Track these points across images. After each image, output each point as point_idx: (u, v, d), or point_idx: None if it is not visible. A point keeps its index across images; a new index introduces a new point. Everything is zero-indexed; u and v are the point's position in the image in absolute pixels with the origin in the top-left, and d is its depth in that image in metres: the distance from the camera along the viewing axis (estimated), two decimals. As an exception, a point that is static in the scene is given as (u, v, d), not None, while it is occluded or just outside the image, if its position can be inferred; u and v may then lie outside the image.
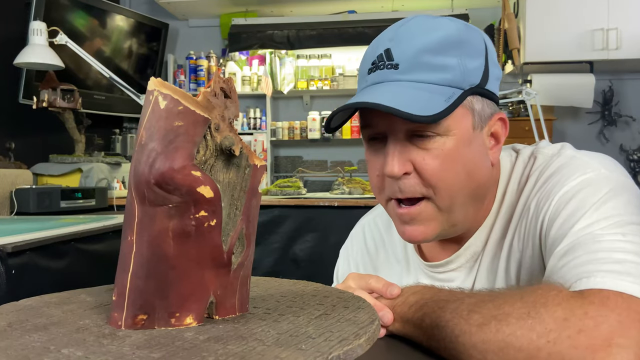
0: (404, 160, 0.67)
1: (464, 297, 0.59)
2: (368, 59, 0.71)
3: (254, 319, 0.48)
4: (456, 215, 0.70)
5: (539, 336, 0.51)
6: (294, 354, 0.38)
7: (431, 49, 0.66)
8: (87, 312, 0.50)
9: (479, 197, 0.72)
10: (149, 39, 3.90)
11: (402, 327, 0.63)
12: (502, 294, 0.57)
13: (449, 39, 0.67)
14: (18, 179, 2.27)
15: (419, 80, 0.66)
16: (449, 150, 0.67)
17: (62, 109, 2.55)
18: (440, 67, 0.66)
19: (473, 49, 0.69)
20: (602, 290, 0.53)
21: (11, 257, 1.34)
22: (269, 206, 2.51)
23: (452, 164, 0.67)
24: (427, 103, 0.64)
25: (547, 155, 0.73)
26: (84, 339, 0.42)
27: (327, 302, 0.52)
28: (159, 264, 0.44)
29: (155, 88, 0.43)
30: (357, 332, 0.43)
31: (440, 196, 0.68)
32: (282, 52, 4.24)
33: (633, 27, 3.52)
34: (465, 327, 0.55)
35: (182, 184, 0.43)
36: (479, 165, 0.70)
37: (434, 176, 0.67)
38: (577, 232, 0.61)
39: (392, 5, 4.06)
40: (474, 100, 0.69)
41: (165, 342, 0.41)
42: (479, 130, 0.70)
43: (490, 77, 0.70)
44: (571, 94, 3.69)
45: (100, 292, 0.57)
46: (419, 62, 0.66)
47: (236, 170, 0.47)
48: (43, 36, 2.31)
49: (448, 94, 0.65)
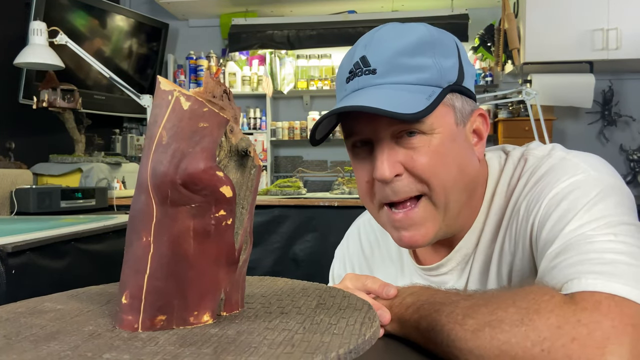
0: (393, 162, 0.68)
1: (459, 300, 0.59)
2: (345, 68, 0.72)
3: (261, 314, 0.49)
4: (452, 211, 0.71)
5: (533, 344, 0.51)
6: (334, 339, 0.41)
7: (406, 51, 0.67)
8: (79, 319, 0.48)
9: (471, 192, 0.73)
10: (149, 39, 3.91)
11: (400, 328, 0.63)
12: (496, 297, 0.57)
13: (422, 40, 0.68)
14: (18, 179, 2.27)
15: (398, 82, 0.67)
16: (436, 146, 0.68)
17: (62, 109, 2.55)
18: (417, 68, 0.67)
19: (445, 48, 0.70)
20: (594, 293, 0.53)
21: (11, 257, 1.34)
22: (269, 206, 2.51)
23: (441, 159, 0.68)
24: (410, 102, 0.64)
25: (538, 157, 0.73)
26: (112, 343, 0.42)
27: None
28: (179, 264, 0.45)
29: (175, 89, 0.44)
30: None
31: (436, 191, 0.68)
32: (282, 52, 4.24)
33: (633, 27, 3.52)
34: (461, 333, 0.55)
35: (208, 184, 0.44)
36: (467, 160, 0.71)
37: (426, 172, 0.68)
38: (569, 234, 0.61)
39: (392, 5, 4.07)
40: (454, 97, 0.70)
41: (200, 338, 0.42)
42: (462, 127, 0.71)
43: (466, 75, 0.71)
44: (571, 94, 3.69)
45: (69, 299, 0.55)
46: (395, 65, 0.67)
47: (242, 171, 0.48)
48: (43, 36, 2.32)
49: (428, 93, 0.66)
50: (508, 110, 3.92)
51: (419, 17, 3.71)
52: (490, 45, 3.96)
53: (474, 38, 3.97)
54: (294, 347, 0.40)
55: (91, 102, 3.19)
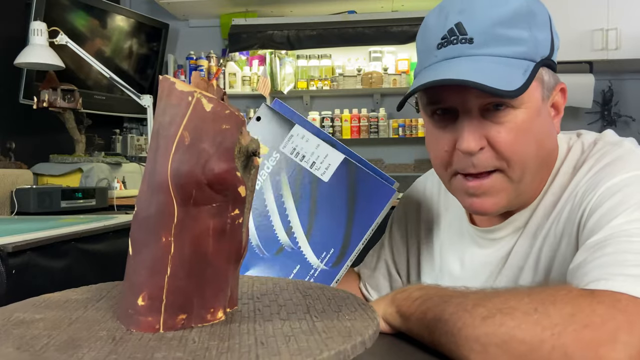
0: (479, 136, 0.67)
1: (470, 293, 0.59)
2: (435, 32, 0.70)
3: (264, 309, 0.49)
4: (525, 184, 0.71)
5: (544, 329, 0.50)
6: (363, 322, 0.45)
7: (504, 22, 0.66)
8: (78, 326, 0.46)
9: (547, 165, 0.73)
10: (149, 39, 3.91)
11: (404, 323, 0.63)
12: (509, 291, 0.57)
13: (520, 10, 0.67)
14: (18, 179, 2.27)
15: (495, 54, 0.66)
16: (522, 122, 0.67)
17: (62, 109, 2.55)
18: (515, 40, 0.66)
19: (541, 20, 0.69)
20: (615, 292, 0.53)
21: (11, 257, 1.34)
22: (269, 206, 2.50)
23: (525, 136, 0.68)
24: (508, 77, 0.64)
25: (609, 143, 0.73)
26: (147, 344, 0.41)
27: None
28: (199, 262, 0.46)
29: (195, 90, 0.45)
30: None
31: (513, 168, 0.69)
32: (282, 52, 4.23)
33: (633, 27, 3.52)
34: (469, 320, 0.54)
35: (231, 184, 0.45)
36: (547, 134, 0.71)
37: (508, 149, 0.68)
38: (614, 227, 0.60)
39: (392, 5, 4.06)
40: (544, 72, 0.70)
41: (229, 333, 0.44)
42: (546, 101, 0.71)
43: (555, 49, 0.71)
44: (571, 94, 3.64)
45: (38, 309, 0.52)
46: (494, 36, 0.66)
47: (246, 171, 0.49)
48: (43, 36, 2.31)
49: (524, 67, 0.66)
50: (508, 111, 3.92)
51: (420, 17, 3.70)
52: (490, 46, 3.95)
53: (474, 38, 3.97)
54: (320, 334, 0.42)
55: (91, 102, 3.19)
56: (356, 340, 0.41)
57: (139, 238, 0.46)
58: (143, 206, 0.46)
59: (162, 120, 0.45)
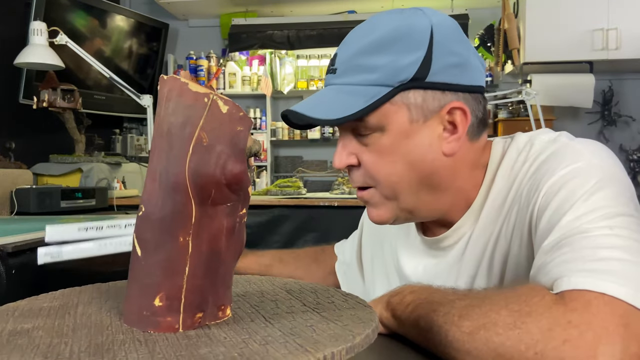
0: (348, 154, 0.73)
1: (455, 300, 0.59)
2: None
3: (261, 306, 0.50)
4: (406, 202, 0.73)
5: (527, 348, 0.51)
6: (363, 311, 0.47)
7: (366, 51, 0.69)
8: (88, 332, 0.45)
9: (434, 185, 0.73)
10: (149, 39, 3.91)
11: (400, 326, 0.64)
12: (489, 298, 0.57)
13: (385, 37, 0.68)
14: (18, 179, 2.27)
15: (347, 83, 0.70)
16: (385, 145, 0.70)
17: (62, 109, 2.55)
18: (368, 68, 0.68)
19: (410, 43, 0.68)
20: (583, 292, 0.53)
21: (11, 257, 1.34)
22: (269, 206, 2.51)
23: (389, 157, 0.71)
24: (345, 105, 0.67)
25: (544, 141, 0.73)
26: (180, 343, 0.42)
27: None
28: (214, 261, 0.47)
29: (210, 92, 0.45)
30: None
31: (382, 187, 0.72)
32: (282, 52, 4.24)
33: (633, 27, 3.52)
34: (458, 334, 0.55)
35: (245, 184, 0.47)
36: (423, 156, 0.71)
37: (372, 170, 0.72)
38: (565, 226, 0.61)
39: (392, 5, 4.07)
40: (410, 94, 0.69)
41: (249, 328, 0.45)
42: (420, 123, 0.70)
43: (435, 69, 0.68)
44: (571, 94, 3.69)
45: (25, 317, 0.50)
46: (351, 65, 0.70)
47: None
48: (43, 36, 2.31)
49: (371, 94, 0.68)
50: (508, 110, 3.93)
51: (419, 17, 3.70)
52: (490, 46, 3.96)
53: (474, 38, 3.97)
54: (335, 323, 0.43)
55: (91, 102, 3.19)
56: (372, 325, 0.44)
57: (152, 238, 0.45)
58: (155, 207, 0.45)
59: (173, 121, 0.45)
